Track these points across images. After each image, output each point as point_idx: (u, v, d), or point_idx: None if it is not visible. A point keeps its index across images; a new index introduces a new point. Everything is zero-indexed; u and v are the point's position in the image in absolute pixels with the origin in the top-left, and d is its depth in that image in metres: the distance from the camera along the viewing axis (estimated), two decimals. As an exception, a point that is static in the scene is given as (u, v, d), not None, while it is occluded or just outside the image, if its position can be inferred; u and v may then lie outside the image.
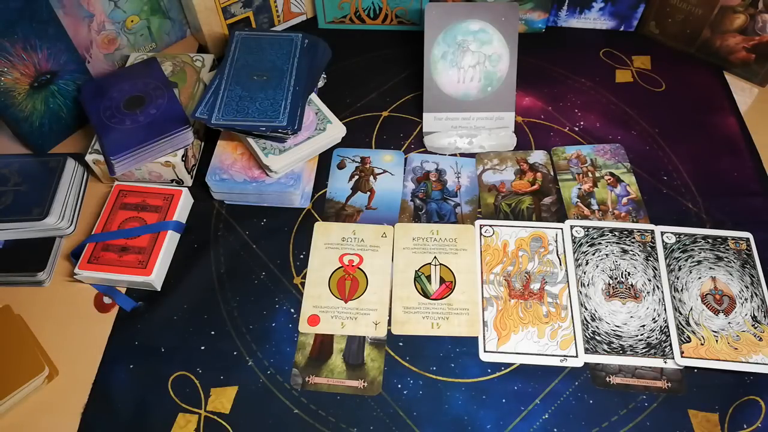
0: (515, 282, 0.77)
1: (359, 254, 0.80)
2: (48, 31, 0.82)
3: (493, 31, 0.88)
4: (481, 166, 0.90)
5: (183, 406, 0.70)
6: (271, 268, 0.80)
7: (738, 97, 0.98)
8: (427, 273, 0.79)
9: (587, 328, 0.74)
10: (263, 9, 1.03)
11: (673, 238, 0.80)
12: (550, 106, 0.97)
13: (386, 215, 0.84)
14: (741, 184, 0.87)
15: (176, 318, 0.76)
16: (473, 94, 0.91)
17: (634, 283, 0.77)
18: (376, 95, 0.99)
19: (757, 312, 0.74)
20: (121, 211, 0.81)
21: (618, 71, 1.02)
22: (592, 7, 1.04)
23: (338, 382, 0.71)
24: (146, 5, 0.97)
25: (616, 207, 0.84)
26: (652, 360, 0.71)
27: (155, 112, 0.84)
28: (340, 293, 0.77)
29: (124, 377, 0.71)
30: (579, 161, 0.89)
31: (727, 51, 0.99)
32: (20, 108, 0.84)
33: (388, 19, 1.07)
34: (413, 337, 0.74)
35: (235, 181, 0.82)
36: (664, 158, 0.90)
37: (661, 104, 0.97)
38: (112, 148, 0.80)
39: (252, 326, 0.75)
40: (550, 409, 0.69)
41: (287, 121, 0.80)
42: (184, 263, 0.80)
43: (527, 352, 0.72)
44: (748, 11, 0.94)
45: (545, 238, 0.81)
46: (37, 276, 0.78)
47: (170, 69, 0.92)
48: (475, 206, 0.85)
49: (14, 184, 0.82)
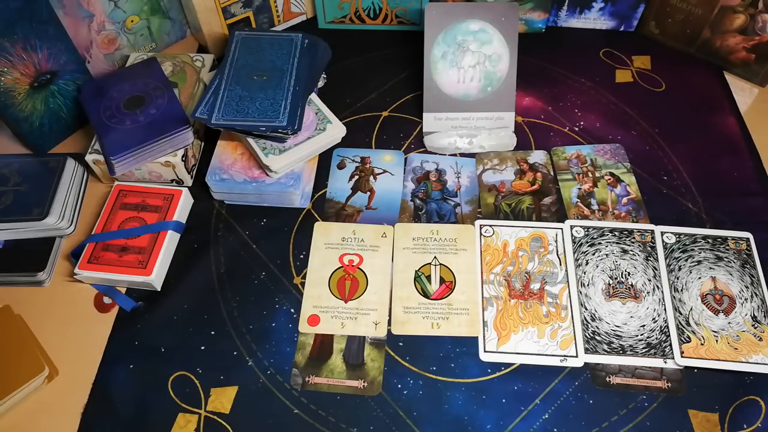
0: (515, 282, 0.77)
1: (359, 254, 0.80)
2: (48, 31, 0.82)
3: (493, 31, 0.88)
4: (481, 166, 0.90)
5: (183, 406, 0.70)
6: (271, 268, 0.80)
7: (738, 97, 0.98)
8: (427, 273, 0.79)
9: (587, 328, 0.74)
10: (263, 9, 1.03)
11: (673, 238, 0.80)
12: (550, 106, 0.97)
13: (386, 215, 0.84)
14: (741, 184, 0.87)
15: (176, 318, 0.76)
16: (473, 94, 0.91)
17: (634, 283, 0.77)
18: (376, 95, 0.99)
19: (757, 312, 0.74)
20: (121, 211, 0.81)
21: (618, 71, 1.02)
22: (592, 7, 1.04)
23: (338, 382, 0.71)
24: (146, 5, 0.97)
25: (616, 207, 0.84)
26: (652, 360, 0.71)
27: (155, 112, 0.84)
28: (340, 293, 0.77)
29: (124, 377, 0.71)
30: (579, 161, 0.89)
31: (727, 51, 0.99)
32: (20, 108, 0.84)
33: (388, 19, 1.07)
34: (413, 337, 0.74)
35: (235, 181, 0.82)
36: (664, 158, 0.90)
37: (661, 104, 0.97)
38: (112, 148, 0.80)
39: (252, 326, 0.75)
40: (550, 409, 0.69)
41: (287, 121, 0.80)
42: (184, 263, 0.80)
43: (527, 352, 0.72)
44: (748, 11, 0.94)
45: (545, 238, 0.81)
46: (37, 276, 0.78)
47: (170, 69, 0.92)
48: (475, 206, 0.85)
49: (14, 184, 0.82)
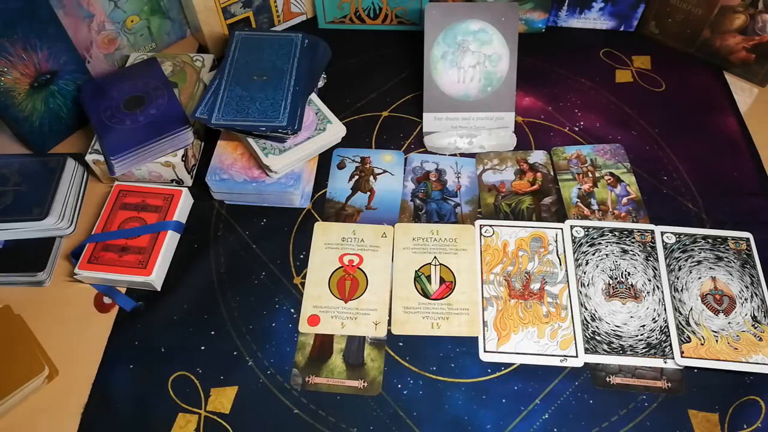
0: (515, 282, 0.77)
1: (359, 254, 0.80)
2: (48, 31, 0.82)
3: (493, 31, 0.88)
4: (481, 166, 0.90)
5: (183, 406, 0.70)
6: (271, 268, 0.80)
7: (738, 97, 0.98)
8: (427, 273, 0.79)
9: (587, 328, 0.74)
10: (263, 9, 1.03)
11: (673, 238, 0.80)
12: (550, 106, 0.97)
13: (386, 215, 0.84)
14: (741, 184, 0.87)
15: (176, 318, 0.76)
16: (473, 94, 0.91)
17: (634, 283, 0.77)
18: (376, 95, 0.99)
19: (757, 312, 0.74)
20: (121, 211, 0.81)
21: (618, 71, 1.02)
22: (592, 7, 1.04)
23: (338, 382, 0.71)
24: (146, 5, 0.97)
25: (616, 207, 0.84)
26: (652, 360, 0.71)
27: (155, 112, 0.84)
28: (340, 293, 0.77)
29: (124, 377, 0.71)
30: (579, 161, 0.89)
31: (727, 51, 0.99)
32: (20, 108, 0.84)
33: (388, 19, 1.07)
34: (413, 337, 0.74)
35: (235, 181, 0.82)
36: (664, 158, 0.90)
37: (661, 104, 0.97)
38: (112, 148, 0.80)
39: (252, 326, 0.75)
40: (550, 409, 0.69)
41: (287, 121, 0.80)
42: (184, 263, 0.80)
43: (527, 352, 0.72)
44: (748, 11, 0.94)
45: (545, 238, 0.81)
46: (37, 276, 0.78)
47: (170, 69, 0.92)
48: (475, 206, 0.85)
49: (14, 184, 0.82)
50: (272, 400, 0.70)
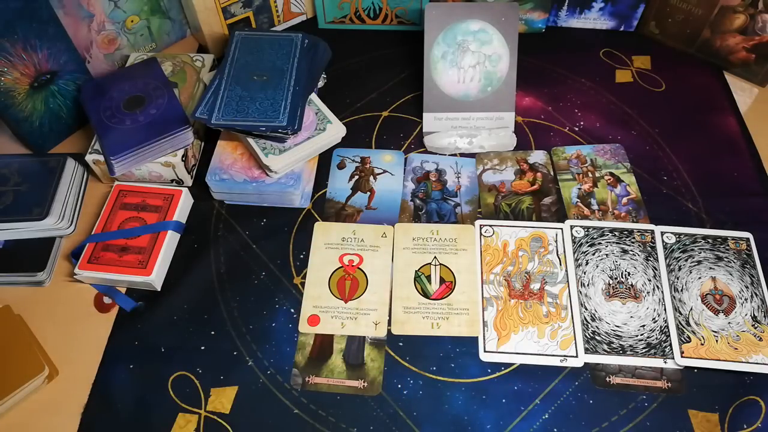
0: (515, 282, 0.77)
1: (359, 254, 0.80)
2: (48, 31, 0.82)
3: (493, 31, 0.88)
4: (481, 166, 0.90)
5: (183, 406, 0.70)
6: (271, 268, 0.80)
7: (738, 97, 0.98)
8: (427, 273, 0.79)
9: (587, 328, 0.74)
10: (263, 9, 1.03)
11: (673, 238, 0.80)
12: (550, 106, 0.97)
13: (386, 215, 0.84)
14: (741, 184, 0.87)
15: (176, 318, 0.76)
16: (473, 94, 0.91)
17: (634, 283, 0.77)
18: (376, 95, 0.99)
19: (757, 312, 0.74)
20: (121, 211, 0.81)
21: (618, 71, 1.02)
22: (592, 7, 1.04)
23: (338, 382, 0.71)
24: (146, 5, 0.97)
25: (616, 207, 0.84)
26: (652, 360, 0.71)
27: (155, 112, 0.84)
28: (340, 293, 0.77)
29: (124, 377, 0.71)
30: (579, 161, 0.89)
31: (727, 51, 0.99)
32: (20, 108, 0.84)
33: (388, 19, 1.07)
34: (413, 337, 0.74)
35: (235, 181, 0.82)
36: (664, 158, 0.90)
37: (661, 104, 0.97)
38: (112, 148, 0.80)
39: (252, 326, 0.75)
40: (550, 409, 0.69)
41: (287, 121, 0.80)
42: (184, 263, 0.80)
43: (527, 352, 0.72)
44: (748, 11, 0.94)
45: (545, 238, 0.81)
46: (37, 276, 0.78)
47: (170, 69, 0.92)
48: (475, 206, 0.85)
49: (14, 184, 0.82)
50: (272, 400, 0.70)
